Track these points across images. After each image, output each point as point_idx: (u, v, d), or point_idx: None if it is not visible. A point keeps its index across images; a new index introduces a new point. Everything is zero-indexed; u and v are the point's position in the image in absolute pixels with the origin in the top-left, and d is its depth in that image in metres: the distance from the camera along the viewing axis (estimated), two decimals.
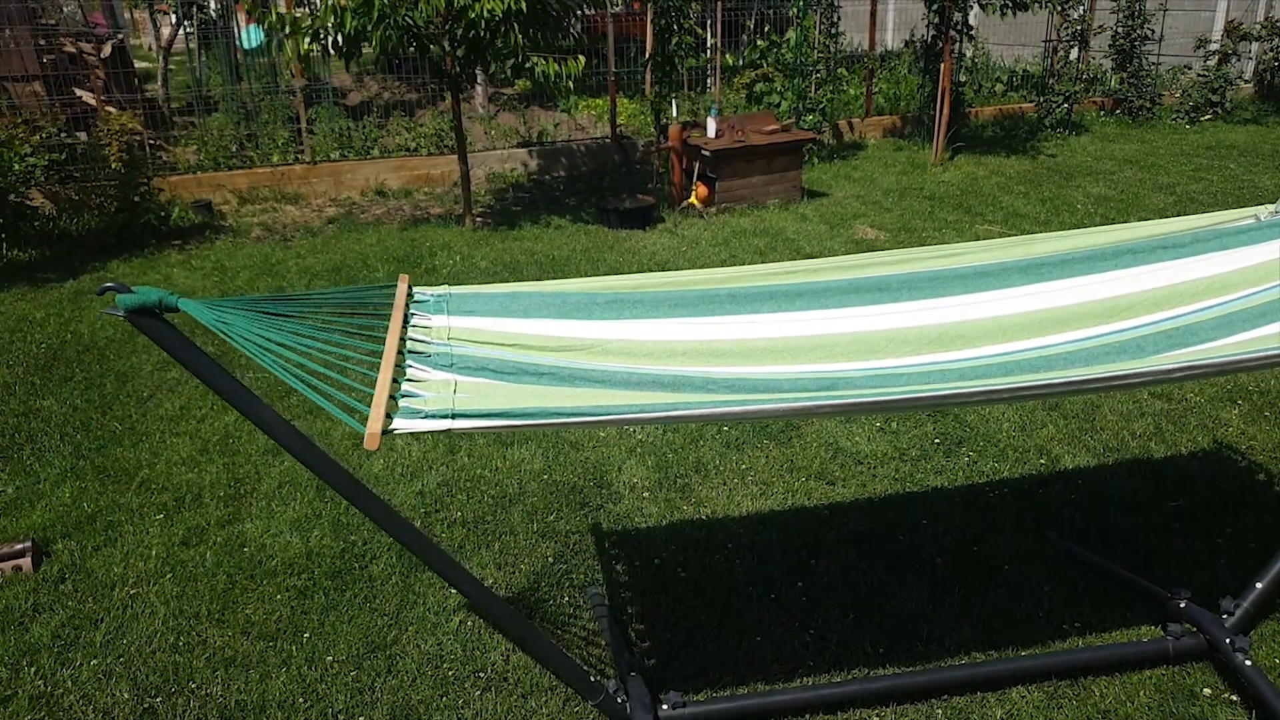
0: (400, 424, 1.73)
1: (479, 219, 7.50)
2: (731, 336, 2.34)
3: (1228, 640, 2.63)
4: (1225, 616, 2.70)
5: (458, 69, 6.66)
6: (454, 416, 1.75)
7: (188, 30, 10.90)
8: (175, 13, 10.60)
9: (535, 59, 6.35)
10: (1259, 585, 2.72)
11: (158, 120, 9.04)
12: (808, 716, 2.56)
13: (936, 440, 3.98)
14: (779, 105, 9.24)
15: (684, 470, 3.78)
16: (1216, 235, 2.66)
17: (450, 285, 2.41)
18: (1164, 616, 2.82)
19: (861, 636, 2.87)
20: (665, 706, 2.45)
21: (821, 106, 9.39)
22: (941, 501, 3.57)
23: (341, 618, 3.00)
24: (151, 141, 8.20)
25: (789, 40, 9.32)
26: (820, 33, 9.43)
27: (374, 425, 1.68)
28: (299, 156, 8.45)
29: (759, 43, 10.11)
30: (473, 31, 6.18)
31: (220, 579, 3.21)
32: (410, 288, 2.34)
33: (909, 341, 2.39)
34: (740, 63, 11.07)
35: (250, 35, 10.88)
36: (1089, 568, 3.14)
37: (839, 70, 9.89)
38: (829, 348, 2.33)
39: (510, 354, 2.12)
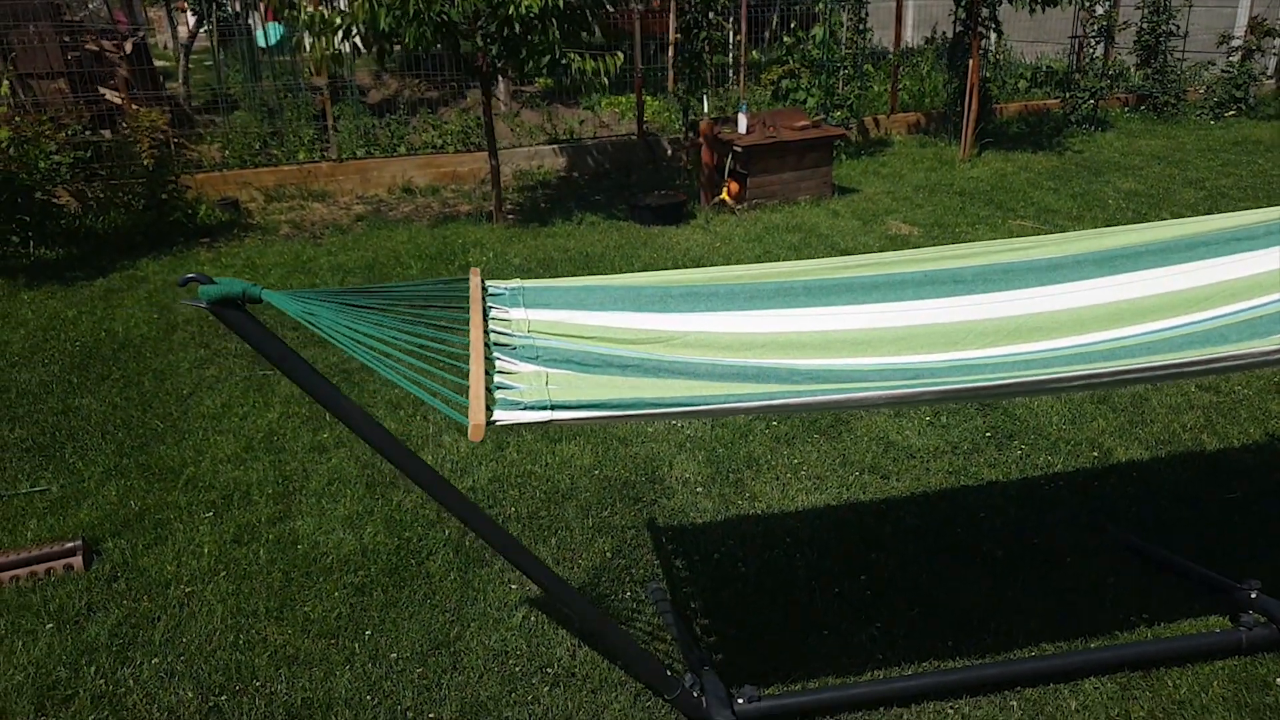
0: (501, 415, 1.72)
1: (509, 216, 7.50)
2: (810, 329, 2.32)
3: None
4: None
5: (492, 66, 6.64)
6: (553, 408, 1.74)
7: (206, 29, 10.93)
8: (194, 10, 10.63)
9: (572, 55, 6.33)
10: None
11: (180, 118, 9.05)
12: (882, 710, 2.54)
13: (987, 434, 3.95)
14: (805, 102, 9.21)
15: (735, 465, 3.76)
16: None
17: (521, 279, 2.40)
18: (1232, 607, 2.80)
19: (928, 629, 2.85)
20: (741, 701, 2.43)
21: (849, 103, 9.35)
22: (997, 494, 3.54)
23: (402, 614, 2.99)
24: (175, 140, 8.21)
25: (815, 36, 9.29)
26: (848, 29, 9.40)
27: (477, 416, 1.67)
28: (325, 154, 8.45)
29: (785, 39, 10.08)
30: (507, 28, 6.17)
31: (275, 576, 3.20)
32: (483, 281, 2.33)
33: (987, 334, 2.37)
34: (764, 59, 11.04)
35: (269, 33, 10.90)
36: (1150, 560, 3.11)
37: (866, 67, 9.86)
38: (909, 340, 2.31)
39: (593, 346, 2.10)
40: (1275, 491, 3.49)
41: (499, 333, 2.08)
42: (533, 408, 1.73)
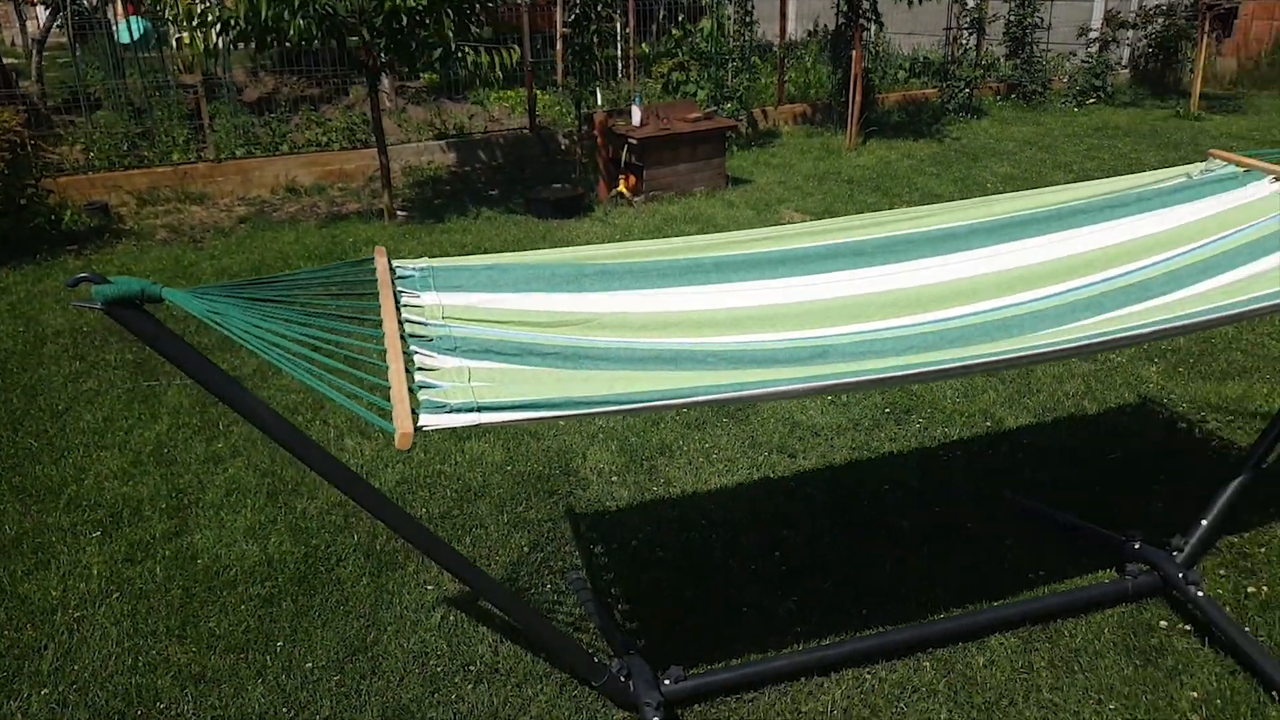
0: (428, 420, 1.65)
1: (401, 213, 7.32)
2: (720, 306, 2.35)
3: (1180, 575, 2.80)
4: (1176, 554, 2.86)
5: (378, 61, 6.46)
6: (479, 409, 1.69)
7: (60, 24, 10.27)
8: (46, 4, 9.96)
9: (466, 49, 6.22)
10: (1204, 522, 2.89)
11: (36, 118, 8.47)
12: (803, 680, 2.60)
13: (886, 409, 4.09)
14: (696, 94, 9.31)
15: (648, 453, 3.78)
16: (1157, 194, 2.82)
17: (430, 258, 2.34)
18: (1120, 559, 2.97)
19: (843, 600, 2.93)
20: (668, 681, 2.45)
21: (739, 94, 9.51)
22: (899, 467, 3.67)
23: (314, 623, 2.89)
24: (31, 140, 7.69)
25: (703, 29, 9.41)
26: (734, 22, 9.55)
27: (404, 424, 1.59)
28: (201, 154, 8.07)
29: (674, 32, 10.17)
30: (394, 21, 6.01)
31: (175, 594, 3.04)
32: (390, 262, 2.26)
33: (886, 305, 2.45)
34: (654, 52, 11.12)
35: (131, 27, 10.33)
36: (1044, 521, 3.29)
37: (753, 59, 10.04)
38: (815, 314, 2.37)
39: (510, 333, 2.08)
40: (1150, 451, 3.74)
41: (413, 322, 2.03)
42: (460, 410, 1.67)
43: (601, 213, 7.37)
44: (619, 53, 10.36)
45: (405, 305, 2.10)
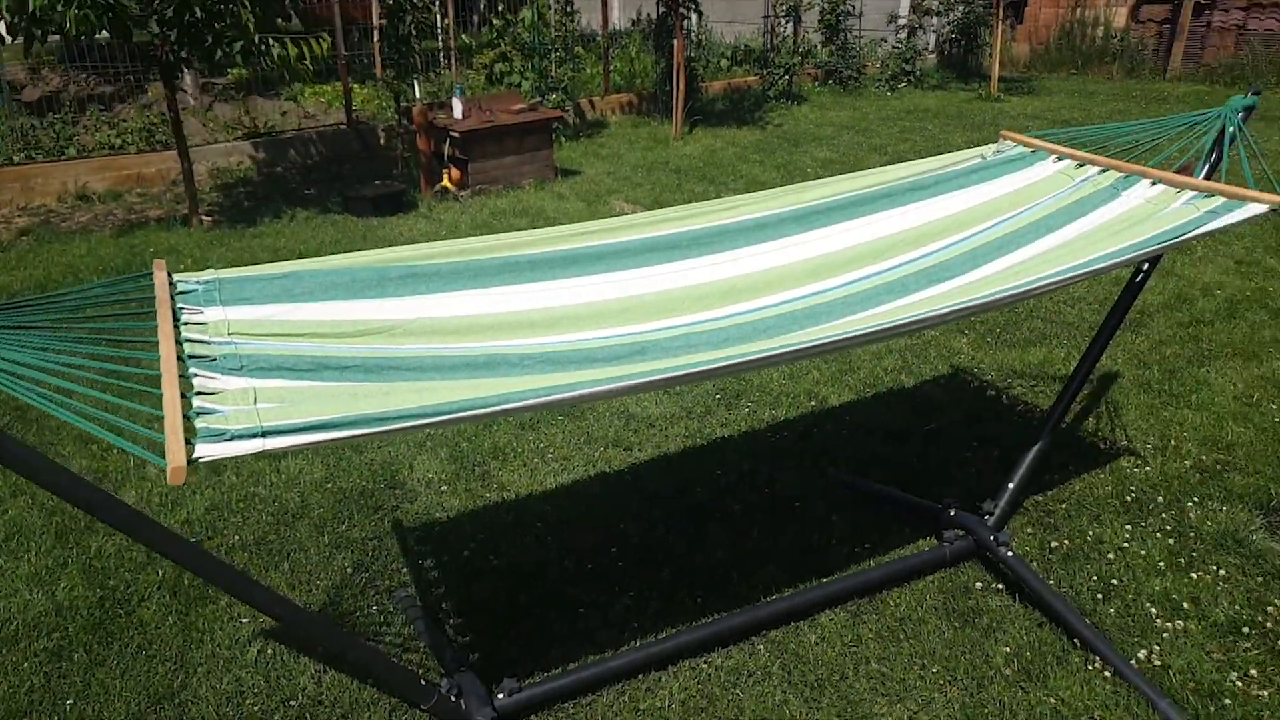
0: (205, 450, 1.50)
1: (207, 218, 6.83)
2: (536, 306, 2.28)
3: (992, 537, 2.95)
4: (987, 517, 3.02)
5: (171, 55, 5.97)
6: (264, 434, 1.54)
7: None
8: None
9: (270, 41, 5.83)
10: (1010, 486, 3.06)
11: None
12: (641, 676, 2.58)
13: (717, 395, 4.14)
14: (520, 85, 9.17)
15: (480, 458, 3.66)
16: (954, 176, 2.95)
17: (217, 269, 2.14)
18: (938, 526, 3.11)
19: (679, 590, 2.93)
20: (501, 695, 2.36)
21: (564, 85, 9.43)
22: (730, 452, 3.71)
23: (112, 674, 2.63)
24: None
25: (524, 19, 9.26)
26: (555, 11, 9.45)
27: (176, 457, 1.43)
28: None
29: (495, 22, 9.96)
30: (187, 14, 5.55)
31: None
32: (171, 276, 2.06)
33: (702, 298, 2.44)
34: (475, 43, 10.87)
35: None
36: (867, 495, 3.40)
37: (576, 49, 9.98)
38: (633, 310, 2.33)
39: (305, 346, 1.92)
40: (963, 420, 3.94)
41: (194, 341, 1.84)
42: (241, 436, 1.52)
43: (425, 209, 7.13)
44: (440, 44, 10.06)
45: (186, 323, 1.91)
